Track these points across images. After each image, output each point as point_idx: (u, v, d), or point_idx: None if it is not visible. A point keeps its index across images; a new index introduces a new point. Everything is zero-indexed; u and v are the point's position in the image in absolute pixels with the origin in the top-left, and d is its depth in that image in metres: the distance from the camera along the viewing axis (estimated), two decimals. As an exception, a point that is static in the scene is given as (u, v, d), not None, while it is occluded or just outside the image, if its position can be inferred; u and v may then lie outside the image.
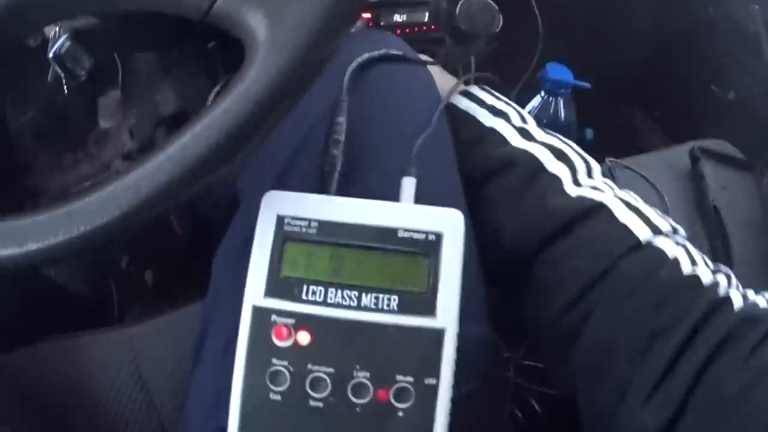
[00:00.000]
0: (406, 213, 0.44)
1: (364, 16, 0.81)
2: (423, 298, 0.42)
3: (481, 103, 0.59)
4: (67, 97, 1.14)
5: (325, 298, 0.42)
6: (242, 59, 0.39)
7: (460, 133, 0.58)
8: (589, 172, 0.55)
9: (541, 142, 0.55)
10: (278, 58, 0.38)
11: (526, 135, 0.56)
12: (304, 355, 0.41)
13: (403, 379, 0.41)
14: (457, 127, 0.58)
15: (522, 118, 0.58)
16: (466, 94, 0.61)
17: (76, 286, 1.12)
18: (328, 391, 0.41)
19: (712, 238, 0.88)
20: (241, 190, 0.57)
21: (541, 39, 0.85)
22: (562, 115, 1.00)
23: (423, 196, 0.47)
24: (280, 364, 0.41)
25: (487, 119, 0.58)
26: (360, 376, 0.41)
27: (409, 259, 0.43)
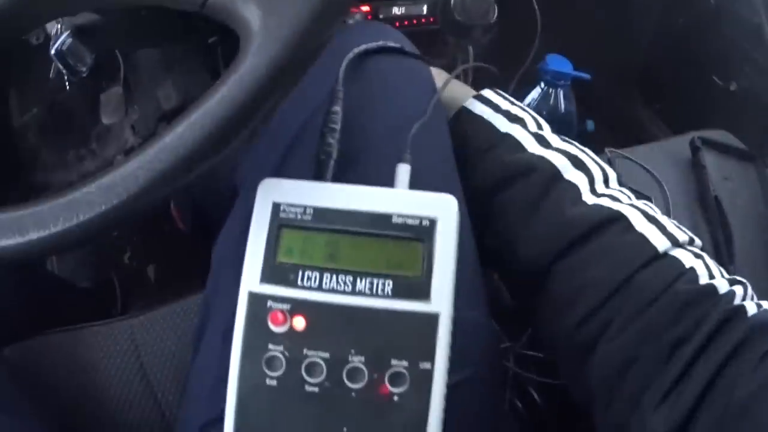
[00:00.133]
0: (401, 199, 0.44)
1: (363, 8, 0.82)
2: (417, 283, 0.42)
3: (497, 108, 0.59)
4: (69, 93, 1.15)
5: (320, 284, 0.42)
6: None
7: (474, 139, 0.58)
8: (606, 180, 0.55)
9: (558, 149, 0.55)
10: (271, 48, 0.39)
11: (542, 142, 0.55)
12: (299, 341, 0.42)
13: (398, 364, 0.41)
14: (471, 132, 0.58)
15: (538, 125, 0.58)
16: (480, 98, 0.60)
17: (79, 281, 1.13)
18: (323, 376, 0.41)
19: (713, 229, 0.88)
20: (240, 180, 0.57)
21: (539, 30, 0.85)
22: (562, 107, 0.99)
23: (418, 183, 0.48)
24: (276, 350, 0.42)
25: (502, 125, 0.57)
26: (355, 360, 0.41)
27: (404, 245, 0.43)
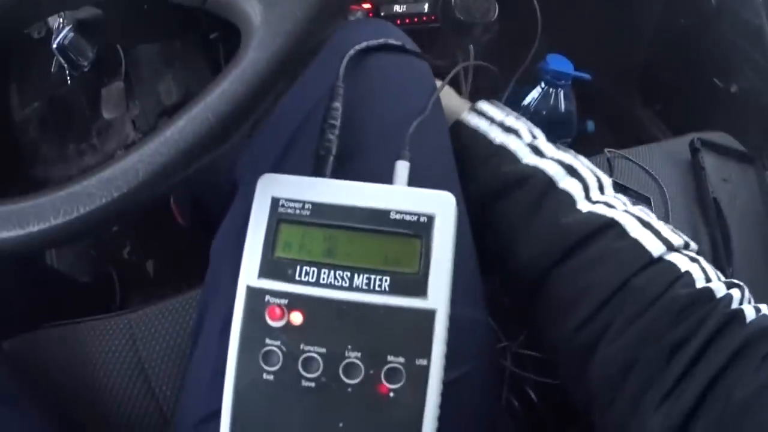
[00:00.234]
0: (399, 195, 0.44)
1: (365, 5, 0.82)
2: (414, 279, 0.42)
3: (491, 120, 0.60)
4: (70, 87, 1.15)
5: (317, 279, 0.42)
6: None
7: (470, 151, 0.58)
8: (601, 187, 0.55)
9: (553, 158, 0.55)
10: (273, 43, 0.39)
11: (537, 151, 0.56)
12: (296, 336, 0.42)
13: (395, 360, 0.41)
14: (467, 144, 0.59)
15: (532, 134, 0.59)
16: (475, 110, 0.61)
17: (78, 275, 1.13)
18: (320, 371, 0.41)
19: (711, 231, 0.88)
20: (240, 175, 0.57)
21: (540, 29, 0.85)
22: (563, 107, 0.99)
23: (417, 180, 0.48)
24: (273, 344, 0.42)
25: (497, 136, 0.58)
26: (352, 356, 0.41)
27: (401, 241, 0.43)
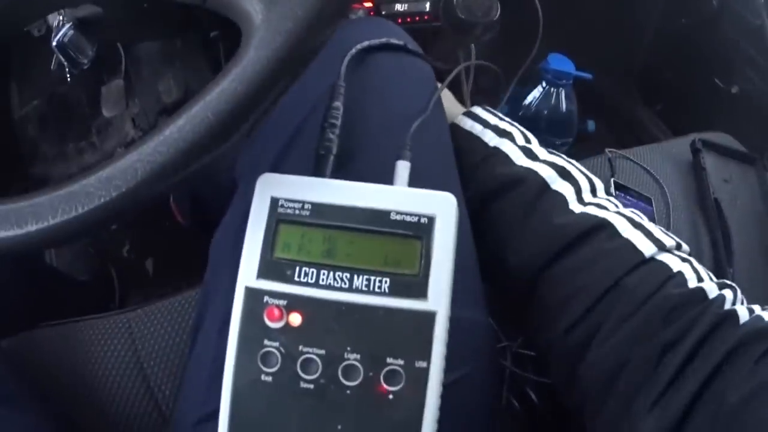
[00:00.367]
0: (399, 196, 0.44)
1: (366, 4, 0.81)
2: (415, 281, 0.42)
3: (485, 124, 0.60)
4: (70, 86, 1.15)
5: (317, 280, 0.42)
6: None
7: (465, 154, 0.59)
8: (593, 190, 0.56)
9: (546, 161, 0.56)
10: (273, 41, 0.38)
11: (530, 154, 0.57)
12: (295, 337, 0.41)
13: (394, 362, 0.41)
14: (462, 147, 0.59)
15: (526, 138, 0.59)
16: (470, 114, 0.62)
17: (78, 274, 1.12)
18: (318, 372, 0.41)
19: (712, 231, 0.88)
20: (239, 174, 0.57)
21: (541, 29, 0.85)
22: (564, 106, 1.00)
23: (417, 180, 0.47)
24: (272, 346, 0.41)
25: (491, 139, 0.59)
26: (351, 358, 0.41)
27: (402, 242, 0.42)
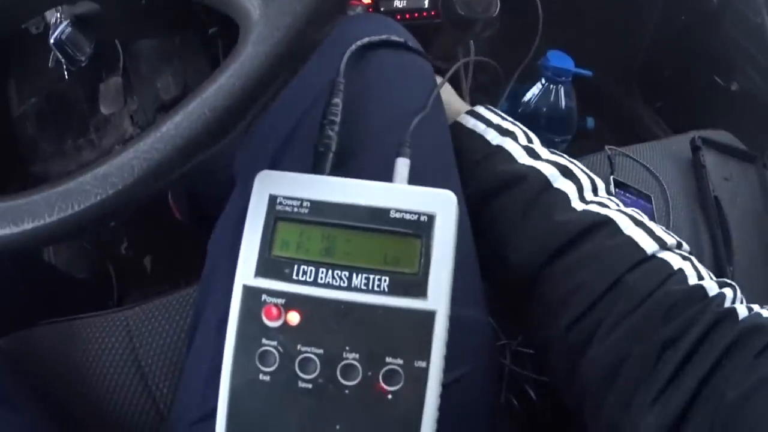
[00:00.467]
0: (399, 194, 0.43)
1: (365, 1, 0.81)
2: (414, 280, 0.41)
3: (488, 123, 0.60)
4: (69, 83, 1.14)
5: (315, 278, 0.42)
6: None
7: (467, 151, 0.59)
8: (595, 189, 0.56)
9: (548, 160, 0.56)
10: (272, 36, 0.38)
11: (532, 153, 0.57)
12: (293, 336, 0.41)
13: (393, 362, 0.40)
14: (464, 145, 0.59)
15: (528, 138, 0.60)
16: (473, 113, 0.62)
17: (76, 272, 1.12)
18: (317, 372, 0.41)
19: (712, 229, 0.88)
20: (238, 171, 0.57)
21: (541, 26, 0.85)
22: (563, 103, 0.99)
23: (417, 178, 0.47)
24: (270, 345, 0.41)
25: (494, 138, 0.59)
26: (349, 357, 0.41)
27: (401, 240, 0.42)
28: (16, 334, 0.67)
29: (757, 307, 0.47)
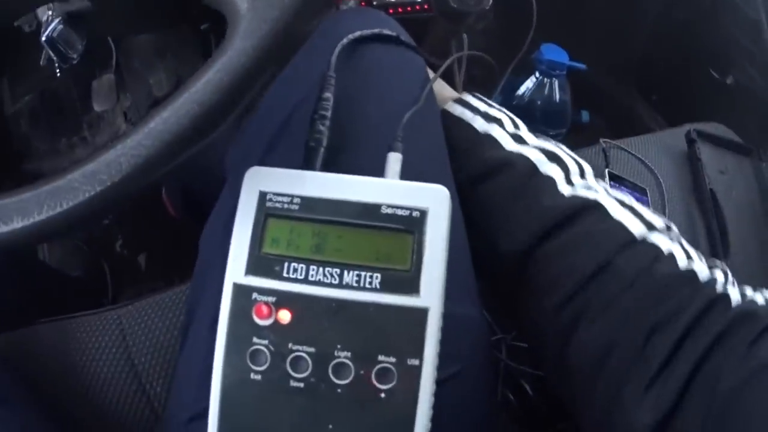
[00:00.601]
0: (390, 189, 0.43)
1: (357, -6, 0.81)
2: (406, 276, 0.41)
3: (475, 111, 0.60)
4: (61, 81, 1.14)
5: (306, 276, 0.41)
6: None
7: (455, 139, 0.58)
8: (582, 173, 0.56)
9: (535, 146, 0.56)
10: (259, 29, 0.38)
11: (519, 140, 0.57)
12: (284, 334, 0.41)
13: (386, 360, 0.40)
14: (452, 133, 0.59)
15: (515, 124, 0.59)
16: (460, 101, 0.61)
17: (70, 270, 1.12)
18: (308, 371, 0.40)
19: (708, 222, 0.88)
20: (229, 167, 0.57)
21: (535, 18, 0.85)
22: (557, 97, 0.99)
23: (409, 173, 0.47)
24: (261, 343, 0.41)
25: (481, 125, 0.58)
26: (341, 356, 0.40)
27: (393, 236, 0.42)
28: (10, 333, 0.66)
29: (749, 291, 0.47)
